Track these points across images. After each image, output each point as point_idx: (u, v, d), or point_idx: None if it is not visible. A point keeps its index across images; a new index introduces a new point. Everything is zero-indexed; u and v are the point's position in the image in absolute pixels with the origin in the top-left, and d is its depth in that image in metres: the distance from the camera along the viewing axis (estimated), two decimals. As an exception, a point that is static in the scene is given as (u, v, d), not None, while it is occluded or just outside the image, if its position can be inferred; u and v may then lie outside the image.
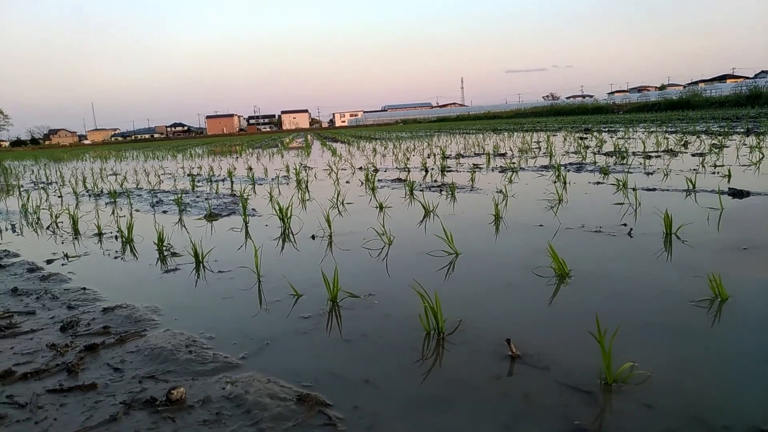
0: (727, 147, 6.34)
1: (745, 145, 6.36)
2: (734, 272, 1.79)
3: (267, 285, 2.02)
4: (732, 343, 1.29)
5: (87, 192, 6.04)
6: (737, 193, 3.18)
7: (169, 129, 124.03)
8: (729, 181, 3.75)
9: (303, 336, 1.51)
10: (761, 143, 6.32)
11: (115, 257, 2.65)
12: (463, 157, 7.63)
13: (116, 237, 3.14)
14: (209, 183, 6.10)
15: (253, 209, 3.85)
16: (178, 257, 2.54)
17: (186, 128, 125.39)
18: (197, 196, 4.85)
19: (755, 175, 4.01)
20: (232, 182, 6.01)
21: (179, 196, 4.47)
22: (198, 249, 2.40)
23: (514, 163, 6.00)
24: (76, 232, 3.37)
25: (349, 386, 1.21)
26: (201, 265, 2.36)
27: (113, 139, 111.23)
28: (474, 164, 6.26)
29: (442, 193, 4.10)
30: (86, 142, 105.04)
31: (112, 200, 5.00)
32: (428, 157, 7.87)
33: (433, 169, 6.05)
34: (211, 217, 3.64)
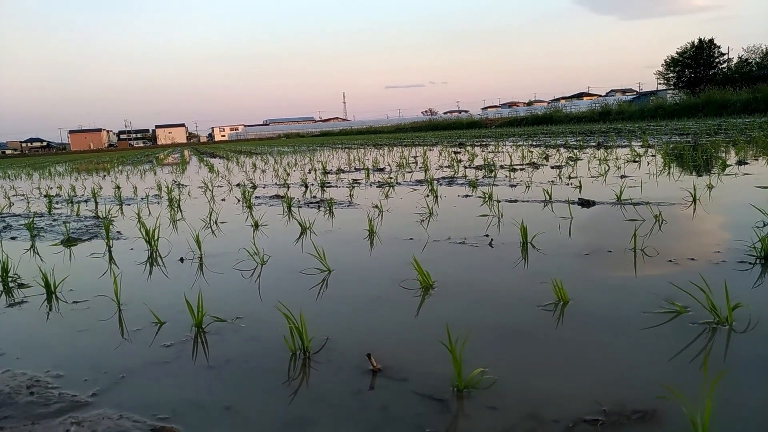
0: (581, 160, 6.98)
1: (595, 158, 7.04)
2: (576, 276, 1.98)
3: (128, 314, 1.91)
4: (568, 342, 1.42)
5: None
6: (585, 203, 3.51)
7: (24, 144, 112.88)
8: (580, 191, 4.13)
9: (163, 366, 1.45)
10: (608, 156, 7.03)
11: (-50, 292, 2.37)
12: (343, 172, 7.71)
13: (-48, 269, 2.80)
14: (70, 204, 5.64)
15: (119, 232, 3.62)
16: (25, 289, 2.32)
17: (45, 144, 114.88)
18: (54, 220, 4.46)
19: (602, 185, 4.45)
20: (96, 203, 5.60)
21: (32, 219, 4.09)
22: (50, 278, 2.22)
23: (391, 178, 6.17)
24: None
25: (209, 415, 1.18)
26: (53, 295, 2.18)
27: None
28: (354, 179, 6.35)
29: (321, 209, 4.12)
30: None
31: (-49, 227, 4.45)
32: (309, 173, 7.87)
33: (313, 184, 6.06)
34: (70, 242, 3.37)
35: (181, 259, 2.68)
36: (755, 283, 1.77)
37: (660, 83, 47.15)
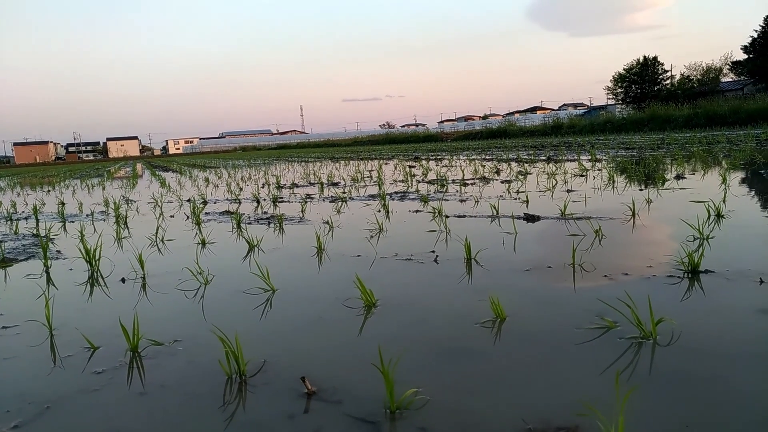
0: (531, 174, 7.15)
1: (545, 172, 7.23)
2: (515, 292, 2.02)
3: (60, 339, 1.84)
4: (501, 360, 1.45)
5: None
6: (530, 218, 3.60)
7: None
8: (527, 206, 4.22)
9: (93, 394, 1.41)
10: (556, 171, 7.23)
11: None
12: (297, 186, 7.67)
13: None
14: (8, 222, 5.42)
15: (58, 251, 3.50)
16: (-48, 314, 2.21)
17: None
18: (-10, 239, 4.27)
19: (548, 199, 4.57)
20: (37, 220, 5.40)
21: (-34, 239, 3.90)
22: (-21, 303, 2.12)
23: (345, 192, 6.18)
24: None
25: (136, 445, 1.15)
26: (-19, 321, 2.08)
27: None
28: (307, 194, 6.33)
29: (271, 225, 4.09)
30: None
31: None
32: (262, 187, 7.79)
33: (265, 200, 6.01)
34: (4, 262, 3.23)
35: (123, 280, 2.61)
36: (680, 297, 1.85)
37: (609, 98, 48.89)
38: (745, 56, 37.68)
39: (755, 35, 36.93)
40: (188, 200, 6.42)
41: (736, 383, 1.25)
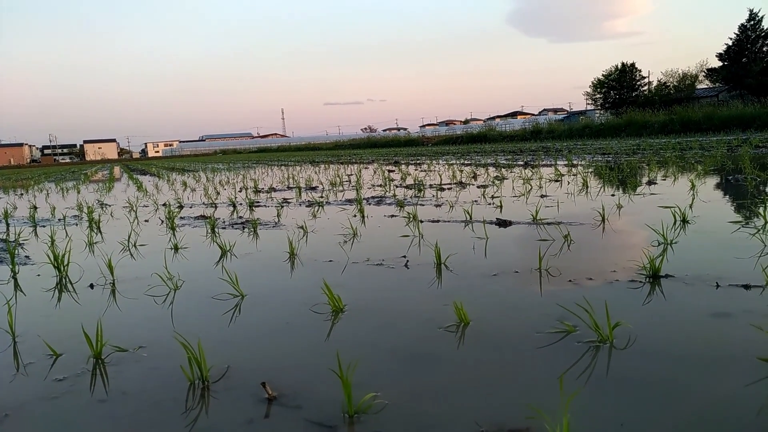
0: (507, 179, 7.23)
1: (521, 177, 7.31)
2: (481, 297, 2.05)
3: (23, 345, 1.83)
4: (461, 364, 1.48)
5: None
6: (502, 223, 3.65)
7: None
8: (501, 211, 4.28)
9: (52, 401, 1.40)
10: (533, 176, 7.32)
11: None
12: (275, 190, 7.66)
13: None
14: (-22, 226, 5.32)
15: (27, 256, 3.45)
16: None
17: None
18: (-42, 244, 4.19)
19: (522, 205, 4.62)
20: (7, 225, 5.31)
21: (-68, 244, 3.83)
22: (-59, 309, 2.09)
23: (322, 197, 6.19)
24: None
25: (93, 452, 1.15)
26: (-57, 328, 2.05)
27: None
28: (284, 198, 6.33)
29: (245, 230, 4.08)
30: None
31: None
32: (240, 191, 7.76)
33: (241, 204, 5.98)
34: (-29, 268, 3.18)
35: (91, 286, 2.59)
36: (639, 302, 1.90)
37: (588, 103, 49.51)
38: (720, 63, 38.47)
39: (730, 43, 37.74)
40: (164, 204, 6.37)
41: (686, 384, 1.29)
